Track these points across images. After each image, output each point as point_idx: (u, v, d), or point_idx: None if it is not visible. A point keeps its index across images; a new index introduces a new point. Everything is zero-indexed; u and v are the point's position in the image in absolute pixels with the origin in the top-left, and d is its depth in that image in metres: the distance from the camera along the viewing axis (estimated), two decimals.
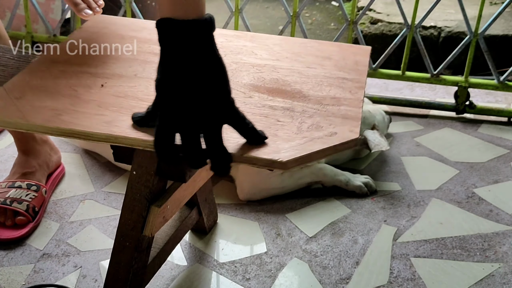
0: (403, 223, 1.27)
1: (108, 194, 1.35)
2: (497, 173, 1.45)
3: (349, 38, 1.75)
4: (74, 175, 1.42)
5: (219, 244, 1.21)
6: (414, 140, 1.60)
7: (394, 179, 1.43)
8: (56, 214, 1.28)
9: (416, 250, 1.19)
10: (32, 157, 1.31)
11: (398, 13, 1.72)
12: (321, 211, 1.31)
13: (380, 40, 2.26)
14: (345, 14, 1.72)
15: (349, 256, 1.17)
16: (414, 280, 1.11)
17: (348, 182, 1.36)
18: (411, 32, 1.70)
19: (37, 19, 2.03)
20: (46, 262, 1.14)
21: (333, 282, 1.10)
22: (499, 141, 1.61)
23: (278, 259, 1.16)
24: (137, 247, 0.88)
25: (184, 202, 0.99)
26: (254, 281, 1.10)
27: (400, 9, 1.68)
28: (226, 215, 1.29)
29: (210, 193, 1.18)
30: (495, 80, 1.71)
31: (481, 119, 1.73)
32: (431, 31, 2.24)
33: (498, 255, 1.18)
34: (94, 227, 1.24)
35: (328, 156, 1.39)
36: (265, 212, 1.30)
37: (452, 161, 1.50)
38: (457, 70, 2.13)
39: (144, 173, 0.84)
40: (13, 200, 1.21)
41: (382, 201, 1.35)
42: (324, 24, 2.77)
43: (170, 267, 1.14)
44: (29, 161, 1.30)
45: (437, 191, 1.38)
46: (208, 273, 1.13)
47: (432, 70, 1.73)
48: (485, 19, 1.68)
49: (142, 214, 0.86)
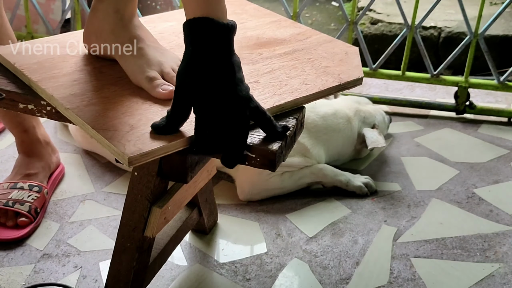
0: (403, 223, 1.27)
1: (108, 194, 1.35)
2: (497, 174, 1.45)
3: (349, 38, 1.75)
4: (74, 175, 1.42)
5: (220, 244, 1.21)
6: (414, 141, 1.60)
7: (394, 179, 1.43)
8: (56, 214, 1.28)
9: (416, 250, 1.19)
10: (35, 159, 1.31)
11: (398, 14, 1.73)
12: (321, 211, 1.31)
13: (380, 40, 2.25)
14: (345, 14, 1.72)
15: (349, 257, 1.17)
16: (414, 281, 1.11)
17: (348, 182, 1.36)
18: (411, 32, 1.70)
19: (37, 19, 2.03)
20: (46, 263, 1.14)
21: (333, 282, 1.10)
22: (499, 141, 1.61)
23: (278, 259, 1.16)
24: (139, 248, 0.88)
25: (185, 203, 0.99)
26: (254, 282, 1.11)
27: (400, 10, 1.68)
28: (227, 216, 1.29)
29: (211, 194, 1.18)
30: (495, 81, 1.72)
31: (481, 119, 1.73)
32: (431, 32, 2.24)
33: (498, 255, 1.18)
34: (94, 227, 1.24)
35: (328, 157, 1.40)
36: (265, 212, 1.30)
37: (452, 162, 1.50)
38: (457, 70, 2.13)
39: (146, 174, 0.84)
40: (15, 201, 1.21)
41: (382, 201, 1.35)
42: (324, 24, 2.77)
43: (170, 267, 1.14)
44: (32, 162, 1.30)
45: (437, 191, 1.38)
46: (209, 274, 1.13)
47: (432, 70, 1.73)
48: (485, 19, 1.68)
49: (144, 215, 0.86)
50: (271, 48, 0.99)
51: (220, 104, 0.72)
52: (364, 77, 0.94)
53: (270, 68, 0.92)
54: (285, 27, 1.08)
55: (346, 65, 0.94)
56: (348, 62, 0.95)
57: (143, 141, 0.72)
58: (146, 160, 0.71)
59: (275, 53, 0.97)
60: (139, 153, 0.70)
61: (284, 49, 0.99)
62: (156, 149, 0.71)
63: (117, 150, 0.71)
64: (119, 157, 0.71)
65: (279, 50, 0.98)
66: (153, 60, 0.86)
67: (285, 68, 0.92)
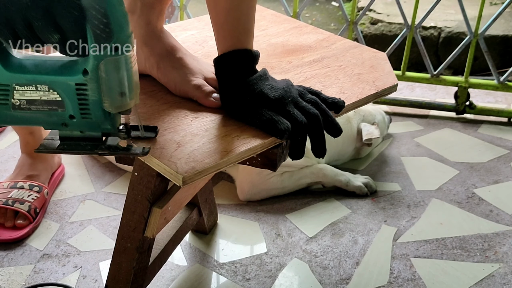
0: (403, 223, 1.27)
1: (108, 194, 1.35)
2: (497, 174, 1.45)
3: (349, 38, 1.75)
4: (74, 175, 1.42)
5: (219, 244, 1.21)
6: (414, 141, 1.60)
7: (394, 179, 1.43)
8: (56, 214, 1.28)
9: (416, 250, 1.19)
10: (39, 160, 1.31)
11: (398, 14, 1.73)
12: (321, 211, 1.31)
13: (380, 40, 2.26)
14: (345, 14, 1.72)
15: (349, 257, 1.17)
16: (414, 281, 1.11)
17: (348, 182, 1.36)
18: (411, 32, 1.70)
19: None
20: (46, 263, 1.14)
21: (333, 282, 1.11)
22: (499, 142, 1.61)
23: (278, 259, 1.16)
24: (139, 248, 0.88)
25: (185, 203, 0.99)
26: (254, 282, 1.11)
27: (400, 10, 1.68)
28: (226, 216, 1.29)
29: (211, 194, 1.18)
30: (495, 81, 1.72)
31: (481, 119, 1.73)
32: (431, 32, 2.24)
33: (498, 256, 1.18)
34: (94, 227, 1.24)
35: (328, 157, 1.40)
36: (265, 212, 1.30)
37: (452, 162, 1.50)
38: (457, 70, 2.13)
39: (146, 174, 0.84)
40: (15, 200, 1.21)
41: (382, 201, 1.35)
42: (324, 24, 2.77)
43: (170, 267, 1.14)
44: (36, 164, 1.30)
45: (437, 191, 1.38)
46: (208, 274, 1.13)
47: (432, 70, 1.73)
48: (485, 19, 1.68)
49: (144, 215, 0.86)
50: (299, 55, 0.98)
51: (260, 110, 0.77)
52: None
53: (304, 77, 0.91)
54: (308, 33, 1.07)
55: (378, 71, 0.94)
56: (379, 69, 0.95)
57: (194, 159, 0.71)
58: (198, 178, 0.70)
59: (304, 60, 0.97)
60: (193, 172, 0.69)
61: (312, 57, 0.98)
62: (209, 167, 0.70)
63: (169, 170, 0.69)
64: (171, 177, 0.70)
65: (307, 58, 0.97)
66: (194, 68, 0.86)
67: (318, 77, 0.91)
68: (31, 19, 0.61)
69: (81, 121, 0.68)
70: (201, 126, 0.78)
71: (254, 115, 0.77)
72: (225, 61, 0.80)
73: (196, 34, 1.06)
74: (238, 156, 0.73)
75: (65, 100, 0.67)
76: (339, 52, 1.00)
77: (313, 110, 0.77)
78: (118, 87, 0.65)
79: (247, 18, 0.80)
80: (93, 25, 0.61)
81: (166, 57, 0.87)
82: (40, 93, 0.66)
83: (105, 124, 0.69)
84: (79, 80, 0.65)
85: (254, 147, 0.74)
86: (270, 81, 0.80)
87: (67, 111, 0.67)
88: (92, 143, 0.71)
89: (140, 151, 0.71)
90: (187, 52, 0.89)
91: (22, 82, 0.66)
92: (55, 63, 0.66)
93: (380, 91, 0.88)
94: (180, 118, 0.80)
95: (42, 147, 0.72)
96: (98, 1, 0.60)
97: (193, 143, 0.74)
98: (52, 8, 0.61)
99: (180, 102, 0.84)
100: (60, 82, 0.65)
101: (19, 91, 0.66)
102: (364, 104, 0.88)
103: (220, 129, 0.77)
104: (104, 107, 0.66)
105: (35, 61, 0.67)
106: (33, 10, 0.61)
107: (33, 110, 0.68)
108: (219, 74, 0.81)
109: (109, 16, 0.60)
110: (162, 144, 0.74)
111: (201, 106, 0.83)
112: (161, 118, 0.80)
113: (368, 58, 0.98)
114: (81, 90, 0.66)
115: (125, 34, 0.63)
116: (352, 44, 1.04)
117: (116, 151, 0.71)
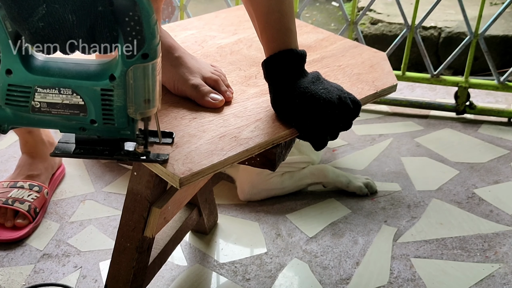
0: (403, 223, 1.27)
1: (108, 194, 1.35)
2: (497, 174, 1.45)
3: (349, 38, 1.74)
4: (74, 175, 1.42)
5: (219, 244, 1.21)
6: (414, 141, 1.60)
7: (394, 179, 1.43)
8: (56, 214, 1.28)
9: (416, 250, 1.19)
10: (39, 160, 1.30)
11: (398, 14, 1.73)
12: (321, 211, 1.31)
13: (380, 40, 2.25)
14: (345, 14, 1.72)
15: (349, 257, 1.17)
16: (414, 281, 1.11)
17: (349, 183, 1.36)
18: (411, 32, 1.70)
19: None
20: (46, 263, 1.14)
21: (333, 282, 1.10)
22: (499, 142, 1.61)
23: (278, 259, 1.16)
24: (138, 248, 0.88)
25: (184, 203, 0.99)
26: (254, 282, 1.10)
27: (400, 10, 1.68)
28: (226, 216, 1.29)
29: (210, 194, 1.18)
30: (495, 81, 1.71)
31: (481, 119, 1.73)
32: (431, 32, 2.24)
33: (498, 256, 1.18)
34: (94, 227, 1.24)
35: None
36: (265, 212, 1.30)
37: (452, 162, 1.50)
38: (457, 70, 2.13)
39: (145, 174, 0.84)
40: (15, 200, 1.21)
41: (382, 201, 1.35)
42: (324, 24, 2.77)
43: (170, 267, 1.14)
44: (36, 163, 1.30)
45: (437, 191, 1.38)
46: (208, 274, 1.13)
47: (432, 70, 1.73)
48: (485, 19, 1.68)
49: (143, 215, 0.86)
50: None
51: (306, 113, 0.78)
52: None
53: None
54: (308, 32, 1.08)
55: (377, 71, 0.93)
56: (379, 69, 0.94)
57: (191, 160, 0.70)
58: (196, 179, 0.70)
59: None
60: (190, 173, 0.69)
61: (312, 56, 0.98)
62: (206, 168, 0.70)
63: (166, 171, 0.69)
64: (168, 178, 0.70)
65: (307, 57, 0.97)
66: (193, 67, 0.86)
67: None
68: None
69: (102, 127, 0.67)
70: (198, 127, 0.78)
71: (299, 121, 0.78)
72: (272, 63, 0.81)
73: (196, 34, 1.06)
74: (235, 157, 0.73)
75: (88, 105, 0.66)
76: (339, 52, 1.00)
77: (350, 122, 0.81)
78: (144, 93, 0.64)
79: (288, 18, 0.81)
80: (126, 32, 0.60)
81: (164, 56, 0.86)
82: (62, 96, 0.65)
83: (126, 130, 0.68)
84: (105, 85, 0.64)
85: (251, 148, 0.74)
86: (324, 84, 0.80)
87: (89, 116, 0.66)
88: (110, 148, 0.70)
89: (160, 158, 0.70)
90: (186, 51, 0.89)
91: (45, 85, 0.65)
92: (79, 67, 0.65)
93: (380, 91, 0.88)
94: (178, 118, 0.80)
95: (57, 151, 0.71)
96: (132, 9, 0.60)
97: (190, 144, 0.74)
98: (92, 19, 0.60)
99: (179, 102, 0.84)
100: (85, 86, 0.64)
101: (40, 93, 0.65)
102: (363, 105, 0.88)
103: (217, 130, 0.77)
104: (128, 113, 0.66)
105: (57, 63, 0.65)
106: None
107: (53, 114, 0.66)
108: (269, 76, 0.82)
109: (143, 23, 0.60)
110: (160, 145, 0.74)
111: (199, 106, 0.83)
112: (160, 119, 0.80)
113: (368, 58, 0.98)
114: (107, 96, 0.65)
115: (156, 42, 0.62)
116: (352, 44, 1.04)
117: (135, 158, 0.71)
